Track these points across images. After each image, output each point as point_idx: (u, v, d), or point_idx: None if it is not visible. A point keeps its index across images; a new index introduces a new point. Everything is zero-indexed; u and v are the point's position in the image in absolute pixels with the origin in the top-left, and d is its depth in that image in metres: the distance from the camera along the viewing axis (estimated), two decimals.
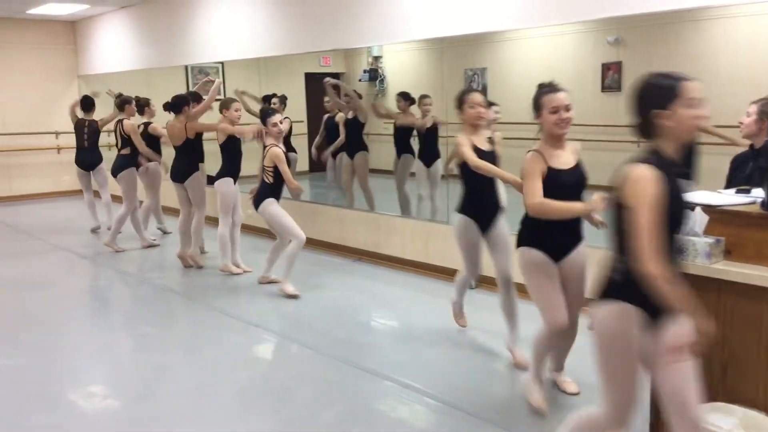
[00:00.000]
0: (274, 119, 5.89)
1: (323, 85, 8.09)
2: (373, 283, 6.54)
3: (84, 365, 4.79)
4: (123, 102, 8.06)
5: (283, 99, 8.23)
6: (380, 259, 7.12)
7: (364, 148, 8.10)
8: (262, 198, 5.92)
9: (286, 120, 6.71)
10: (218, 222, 6.67)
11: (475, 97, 4.27)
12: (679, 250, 2.60)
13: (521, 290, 4.16)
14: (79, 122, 8.63)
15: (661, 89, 2.32)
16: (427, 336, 4.98)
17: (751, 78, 5.92)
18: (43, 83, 12.07)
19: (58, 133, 11.71)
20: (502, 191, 4.55)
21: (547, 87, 3.48)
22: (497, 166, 4.22)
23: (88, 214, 9.03)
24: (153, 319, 5.66)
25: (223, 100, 6.73)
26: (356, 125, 8.05)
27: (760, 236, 2.79)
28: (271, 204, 5.90)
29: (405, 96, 7.90)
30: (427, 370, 4.37)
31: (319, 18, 7.38)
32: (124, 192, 7.93)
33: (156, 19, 10.21)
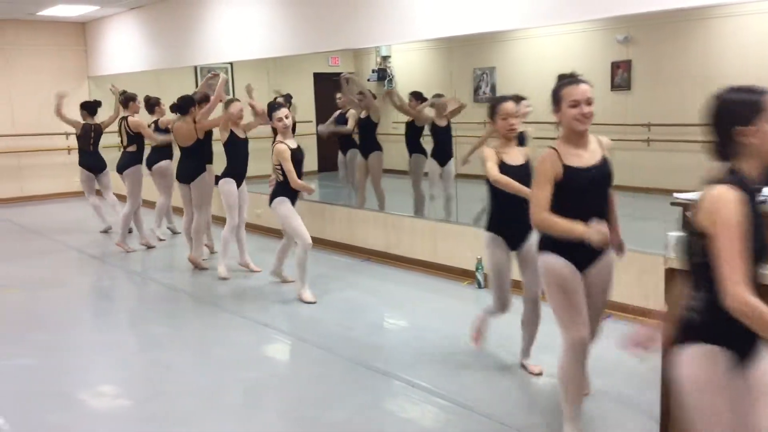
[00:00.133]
0: (280, 114, 5.74)
1: (332, 84, 8.05)
2: (382, 283, 6.53)
3: (94, 365, 4.81)
4: (127, 99, 8.08)
5: (288, 98, 8.06)
6: (390, 259, 7.11)
7: (379, 148, 8.05)
8: (275, 196, 5.90)
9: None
10: (225, 222, 6.68)
11: (506, 107, 3.93)
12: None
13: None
14: (85, 126, 8.65)
15: (743, 104, 2.11)
16: (437, 336, 4.98)
17: (761, 76, 5.87)
18: (53, 84, 12.02)
19: (68, 134, 11.75)
20: None
21: (568, 78, 3.16)
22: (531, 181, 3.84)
23: (96, 217, 9.05)
24: (162, 319, 5.68)
25: (226, 101, 6.68)
26: (369, 125, 8.03)
27: None
28: (282, 203, 5.82)
29: (417, 95, 7.85)
30: (437, 370, 4.36)
31: (328, 18, 7.39)
32: (129, 189, 7.94)
33: (165, 20, 10.25)
